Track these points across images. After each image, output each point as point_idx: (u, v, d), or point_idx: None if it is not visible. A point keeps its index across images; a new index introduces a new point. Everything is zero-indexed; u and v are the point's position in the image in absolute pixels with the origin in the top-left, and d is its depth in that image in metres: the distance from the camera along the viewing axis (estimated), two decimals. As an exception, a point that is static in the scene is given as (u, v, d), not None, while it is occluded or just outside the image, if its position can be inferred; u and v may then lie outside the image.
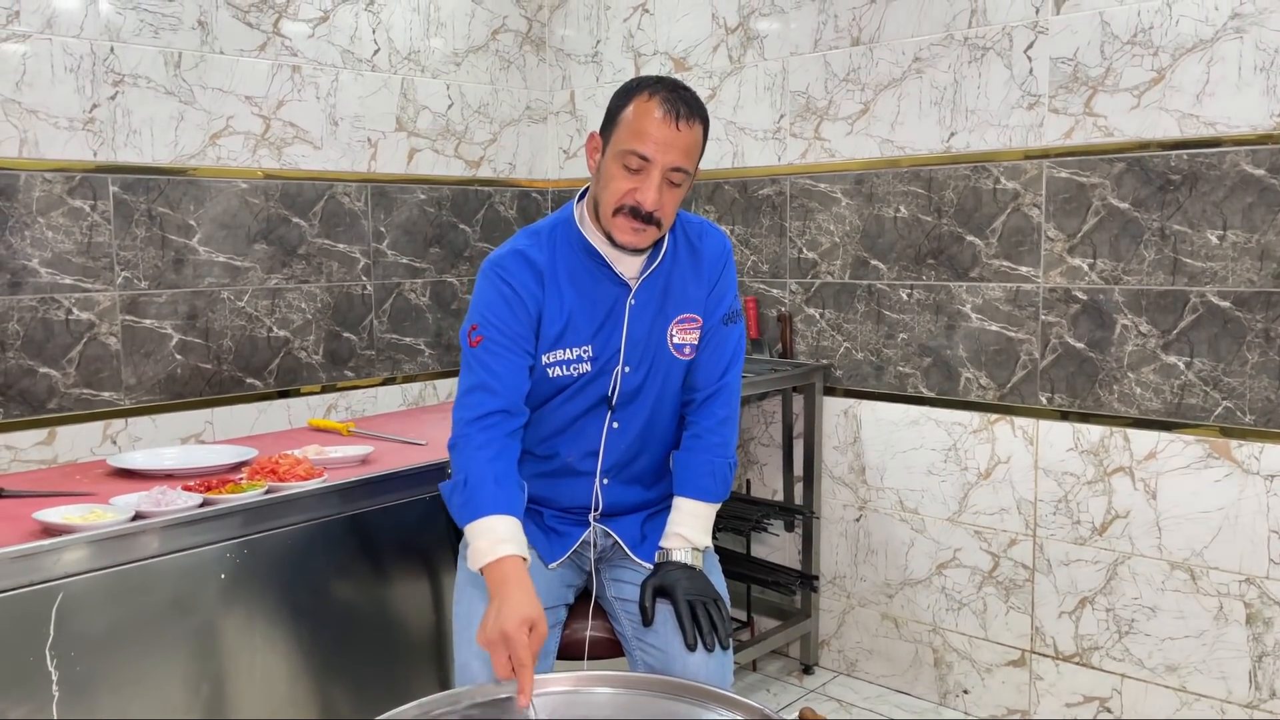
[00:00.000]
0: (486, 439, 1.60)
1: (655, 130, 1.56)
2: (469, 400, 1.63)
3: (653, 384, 1.73)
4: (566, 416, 1.72)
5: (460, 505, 1.56)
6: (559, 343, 1.67)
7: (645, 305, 1.70)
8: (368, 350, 3.08)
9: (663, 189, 1.58)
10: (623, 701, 1.35)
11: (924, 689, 2.82)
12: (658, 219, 1.60)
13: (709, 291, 1.76)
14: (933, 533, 2.76)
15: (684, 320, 1.73)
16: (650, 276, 1.70)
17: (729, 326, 1.78)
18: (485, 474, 1.56)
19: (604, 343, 1.68)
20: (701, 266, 1.75)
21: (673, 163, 1.57)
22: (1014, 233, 2.55)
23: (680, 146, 1.57)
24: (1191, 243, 2.28)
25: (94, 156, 2.50)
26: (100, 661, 1.52)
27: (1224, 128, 2.22)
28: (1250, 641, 2.27)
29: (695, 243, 1.76)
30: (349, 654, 1.83)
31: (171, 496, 1.62)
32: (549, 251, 1.68)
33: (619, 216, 1.61)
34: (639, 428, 1.74)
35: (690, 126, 1.58)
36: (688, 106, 1.58)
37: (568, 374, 1.68)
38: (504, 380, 1.63)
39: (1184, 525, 2.34)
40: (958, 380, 2.68)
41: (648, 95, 1.58)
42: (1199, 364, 2.30)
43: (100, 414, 2.55)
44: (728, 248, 1.80)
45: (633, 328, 1.69)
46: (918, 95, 2.68)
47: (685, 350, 1.74)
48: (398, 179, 3.11)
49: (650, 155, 1.56)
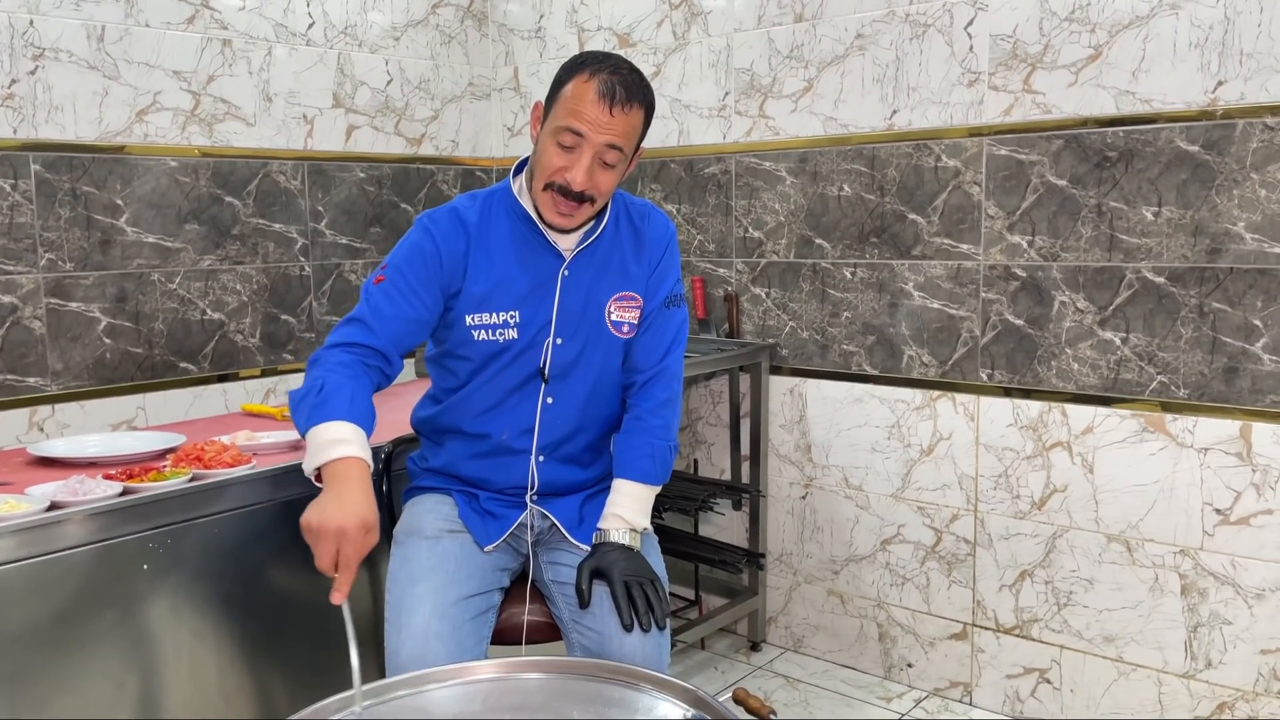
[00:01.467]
0: (350, 360, 1.58)
1: (590, 111, 1.54)
2: (346, 329, 1.62)
3: (589, 359, 1.71)
4: (499, 390, 1.70)
5: (310, 409, 1.50)
6: (484, 305, 1.65)
7: (580, 277, 1.69)
8: (307, 333, 3.02)
9: (594, 169, 1.57)
10: (555, 686, 1.33)
11: (869, 663, 2.85)
12: (589, 196, 1.59)
13: (650, 273, 1.75)
14: (877, 509, 2.78)
15: (622, 298, 1.72)
16: (587, 250, 1.69)
17: (671, 310, 1.77)
18: (342, 385, 1.52)
19: (533, 311, 1.67)
20: (643, 247, 1.75)
21: (606, 143, 1.56)
22: (955, 210, 2.55)
23: (616, 130, 1.56)
24: (1127, 219, 2.30)
25: (14, 134, 2.41)
26: (19, 656, 1.47)
27: (1159, 104, 2.24)
28: (1185, 612, 2.31)
29: (638, 223, 1.76)
30: (283, 645, 1.79)
31: (90, 485, 1.56)
32: (482, 212, 1.68)
33: (548, 193, 1.60)
34: (577, 405, 1.72)
35: (627, 111, 1.56)
36: (626, 90, 1.55)
37: (493, 339, 1.66)
38: (388, 324, 1.61)
39: (1120, 498, 2.37)
40: (900, 358, 2.69)
41: (588, 75, 1.55)
42: (1134, 339, 2.32)
43: (26, 400, 2.47)
44: (671, 231, 1.79)
45: (565, 298, 1.68)
46: (860, 72, 2.67)
47: (624, 329, 1.73)
48: (336, 157, 3.04)
49: (584, 134, 1.54)
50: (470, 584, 1.61)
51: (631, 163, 1.66)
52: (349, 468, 1.43)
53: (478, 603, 1.61)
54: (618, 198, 1.76)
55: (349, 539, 1.35)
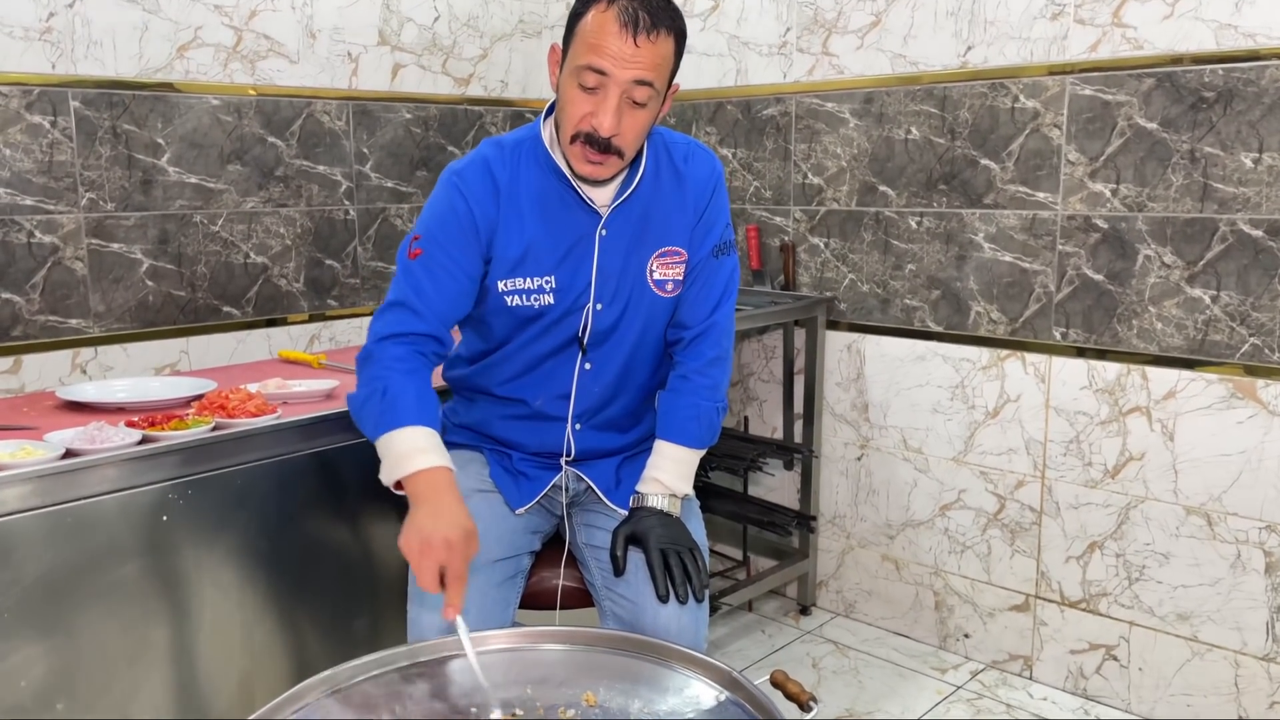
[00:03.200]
0: (403, 353, 1.48)
1: (612, 44, 1.37)
2: (391, 316, 1.50)
3: (630, 323, 1.58)
4: (533, 356, 1.58)
5: (378, 414, 1.42)
6: (517, 270, 1.52)
7: (619, 236, 1.54)
8: (352, 279, 2.96)
9: (623, 110, 1.41)
10: (579, 659, 1.25)
11: (923, 632, 2.73)
12: (618, 147, 1.43)
13: (696, 221, 1.59)
14: (937, 473, 2.64)
15: (666, 254, 1.58)
16: (624, 204, 1.54)
17: (720, 259, 1.63)
18: (406, 385, 1.43)
19: (570, 275, 1.53)
20: (686, 193, 1.58)
21: (633, 79, 1.39)
22: (1032, 155, 2.37)
23: (642, 62, 1.38)
24: (1224, 166, 2.10)
25: (52, 69, 2.36)
26: (33, 607, 1.44)
27: (1265, 39, 2.03)
28: (1269, 591, 2.15)
29: (680, 166, 1.59)
30: (307, 599, 1.74)
31: (108, 433, 1.51)
32: (512, 168, 1.53)
33: (576, 144, 1.45)
34: (615, 371, 1.60)
35: (654, 40, 1.39)
36: (651, 15, 1.38)
37: (528, 304, 1.53)
38: (433, 304, 1.49)
39: (1202, 468, 2.20)
40: (967, 314, 2.53)
41: (606, 3, 1.39)
42: (1226, 298, 2.14)
43: (68, 342, 2.44)
44: (718, 170, 1.63)
45: (604, 260, 1.54)
46: (933, 6, 2.48)
47: (668, 287, 1.59)
48: (381, 97, 2.95)
49: (607, 71, 1.38)
50: (498, 548, 1.53)
51: (666, 101, 1.49)
52: (437, 478, 1.37)
53: (505, 567, 1.53)
54: (656, 138, 1.60)
55: (456, 550, 1.28)
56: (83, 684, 1.49)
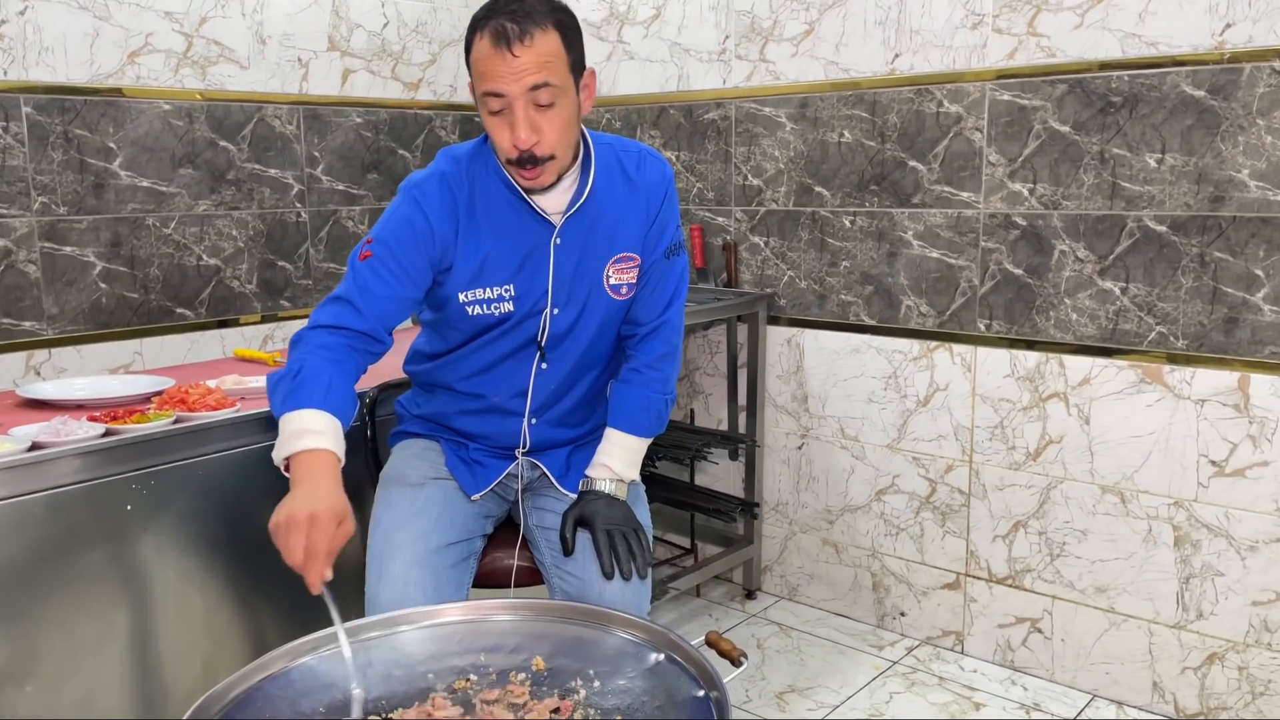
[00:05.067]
0: (332, 343, 1.52)
1: (494, 66, 1.42)
2: (332, 309, 1.55)
3: (586, 325, 1.66)
4: (493, 357, 1.66)
5: (285, 393, 1.44)
6: (477, 281, 1.59)
7: (572, 243, 1.61)
8: (304, 280, 3.01)
9: (533, 117, 1.46)
10: (528, 628, 1.34)
11: (863, 612, 2.86)
12: (545, 154, 1.49)
13: (649, 226, 1.67)
14: (872, 460, 2.77)
15: (621, 259, 1.65)
16: (576, 214, 1.61)
17: (671, 260, 1.71)
18: (321, 371, 1.46)
19: (528, 283, 1.60)
20: (639, 200, 1.65)
21: (527, 86, 1.43)
22: (956, 158, 2.51)
23: (528, 68, 1.42)
24: (1130, 166, 2.26)
25: (4, 75, 2.39)
26: (2, 592, 1.49)
27: (1166, 47, 2.18)
28: (1178, 564, 2.30)
29: (633, 174, 1.65)
30: (266, 585, 1.81)
31: (73, 427, 1.57)
32: (469, 183, 1.59)
33: (511, 167, 1.52)
34: (570, 369, 1.69)
35: (530, 42, 1.42)
36: (518, 23, 1.42)
37: (488, 313, 1.61)
38: (376, 305, 1.55)
39: (1116, 450, 2.35)
40: (899, 308, 2.67)
41: (480, 31, 1.45)
42: (1134, 289, 2.29)
43: (22, 344, 2.48)
44: (668, 176, 1.70)
45: (559, 268, 1.61)
46: (863, 15, 2.61)
47: (623, 290, 1.67)
48: (331, 101, 3.01)
49: (501, 91, 1.44)
50: (452, 531, 1.61)
51: (583, 94, 1.53)
52: (320, 460, 1.37)
53: (459, 549, 1.62)
54: (606, 147, 1.66)
55: (321, 526, 1.27)
56: (51, 667, 1.55)
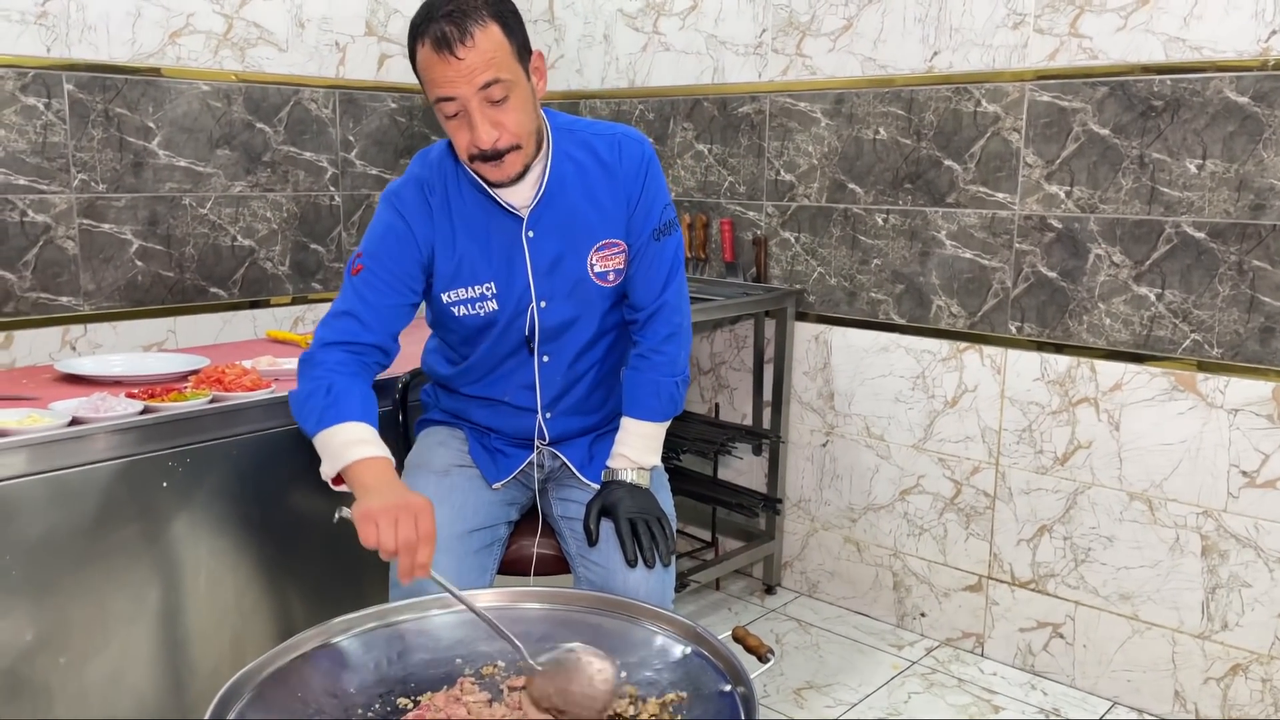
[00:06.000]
0: (346, 359, 1.54)
1: (441, 72, 1.41)
2: (338, 325, 1.57)
3: (579, 315, 1.66)
4: (494, 358, 1.68)
5: (320, 410, 1.46)
6: (456, 281, 1.61)
7: (547, 235, 1.61)
8: (335, 263, 3.03)
9: (488, 114, 1.44)
10: (556, 616, 1.35)
11: (882, 611, 2.86)
12: (506, 147, 1.48)
13: (632, 209, 1.64)
14: (898, 459, 2.76)
15: (604, 246, 1.63)
16: (543, 203, 1.59)
17: (662, 240, 1.68)
18: (350, 386, 1.50)
19: (507, 280, 1.61)
20: (617, 184, 1.62)
21: (477, 86, 1.41)
22: (992, 158, 2.49)
23: (474, 67, 1.40)
24: (1170, 171, 2.23)
25: (47, 52, 2.41)
26: (38, 566, 1.52)
27: (1210, 52, 2.15)
28: (1205, 573, 2.29)
29: (607, 158, 1.62)
30: (297, 564, 1.84)
31: (112, 403, 1.59)
32: (441, 185, 1.60)
33: (475, 163, 1.52)
34: (571, 359, 1.69)
35: (471, 43, 1.39)
36: (456, 25, 1.39)
37: (474, 313, 1.62)
38: (379, 315, 1.57)
39: (1145, 457, 2.34)
40: (929, 308, 2.65)
41: (420, 40, 1.44)
42: (1170, 296, 2.27)
43: (58, 319, 2.51)
44: (648, 154, 1.65)
45: (536, 260, 1.61)
46: (902, 11, 2.59)
47: (609, 277, 1.65)
48: (367, 86, 3.02)
49: (453, 95, 1.42)
50: (476, 518, 1.63)
51: (535, 77, 1.51)
52: (379, 466, 1.40)
53: (483, 536, 1.63)
54: (573, 133, 1.62)
55: (424, 512, 1.29)
56: (84, 639, 1.57)
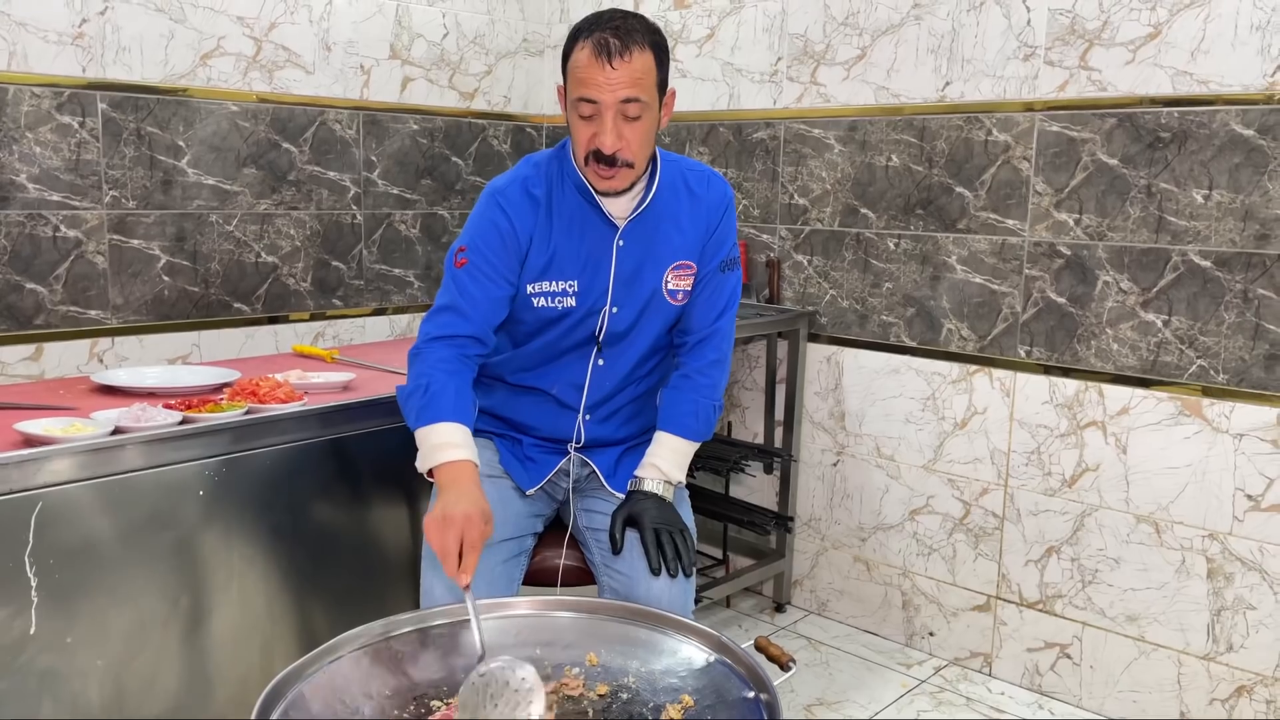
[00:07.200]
0: (449, 354, 1.65)
1: (594, 75, 1.55)
2: (440, 319, 1.67)
3: (643, 326, 1.76)
4: (554, 350, 1.75)
5: (420, 407, 1.59)
6: (544, 274, 1.69)
7: (634, 246, 1.71)
8: (356, 280, 3.09)
9: (620, 126, 1.57)
10: (585, 625, 1.39)
11: (891, 630, 2.89)
12: (625, 160, 1.60)
13: (708, 238, 1.77)
14: (907, 479, 2.81)
15: (680, 266, 1.75)
16: (638, 218, 1.71)
17: (726, 273, 1.81)
18: (447, 384, 1.60)
19: (590, 280, 1.70)
20: (700, 213, 1.76)
21: (620, 98, 1.56)
22: (1003, 186, 2.55)
23: (623, 81, 1.55)
24: (1177, 201, 2.29)
25: (83, 73, 2.48)
26: (79, 570, 1.56)
27: (1216, 86, 2.21)
28: (1210, 595, 2.33)
29: (696, 189, 1.76)
30: (326, 573, 1.88)
31: (151, 413, 1.64)
32: (546, 184, 1.71)
33: (589, 164, 1.62)
34: (626, 368, 1.77)
35: (628, 60, 1.55)
36: (620, 39, 1.55)
37: (551, 305, 1.70)
38: (479, 307, 1.66)
39: (1152, 480, 2.38)
40: (939, 331, 2.71)
41: (582, 41, 1.57)
42: (1176, 322, 2.32)
43: (87, 332, 2.56)
44: (729, 196, 1.81)
45: (620, 268, 1.71)
46: (915, 42, 2.66)
47: (679, 296, 1.76)
48: (390, 108, 3.09)
49: (596, 99, 1.56)
50: (504, 529, 1.67)
51: (664, 108, 1.66)
52: (462, 469, 1.52)
53: (509, 546, 1.68)
54: (674, 164, 1.77)
55: (474, 524, 1.41)
56: (121, 643, 1.62)
